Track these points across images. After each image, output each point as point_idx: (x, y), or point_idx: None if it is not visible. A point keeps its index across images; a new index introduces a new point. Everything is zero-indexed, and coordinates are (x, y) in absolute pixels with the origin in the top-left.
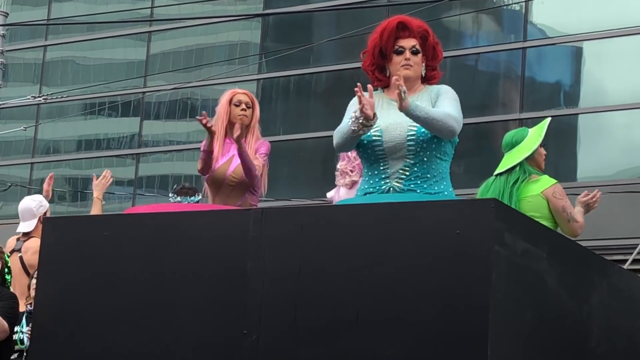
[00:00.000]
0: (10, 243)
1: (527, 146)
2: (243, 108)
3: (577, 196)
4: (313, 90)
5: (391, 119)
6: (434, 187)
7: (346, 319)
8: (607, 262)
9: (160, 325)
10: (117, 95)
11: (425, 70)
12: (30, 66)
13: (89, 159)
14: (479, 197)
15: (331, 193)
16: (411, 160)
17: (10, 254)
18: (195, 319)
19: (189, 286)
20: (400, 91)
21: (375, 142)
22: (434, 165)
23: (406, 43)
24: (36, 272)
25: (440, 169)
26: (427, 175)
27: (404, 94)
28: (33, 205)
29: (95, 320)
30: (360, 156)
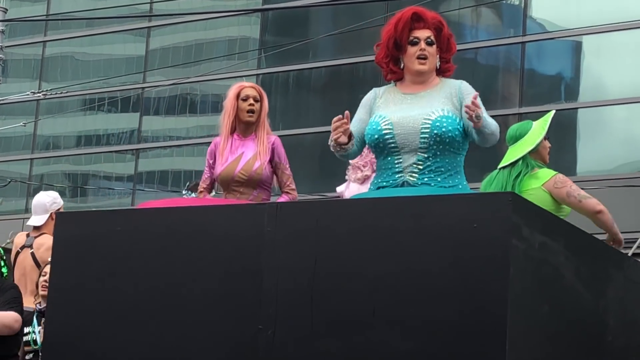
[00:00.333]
0: (20, 239)
1: (531, 140)
2: (251, 103)
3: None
4: (312, 85)
5: (403, 113)
6: (448, 181)
7: (362, 314)
8: (623, 255)
9: (174, 320)
10: (117, 90)
11: (440, 63)
12: (29, 62)
13: (89, 154)
14: (482, 191)
15: (341, 188)
16: (424, 154)
17: (20, 250)
18: (210, 314)
19: (203, 281)
20: (474, 115)
21: (386, 136)
22: (448, 159)
23: (421, 34)
24: (44, 270)
25: (454, 163)
26: (441, 169)
27: (478, 119)
28: (47, 200)
29: (108, 315)
30: (373, 150)
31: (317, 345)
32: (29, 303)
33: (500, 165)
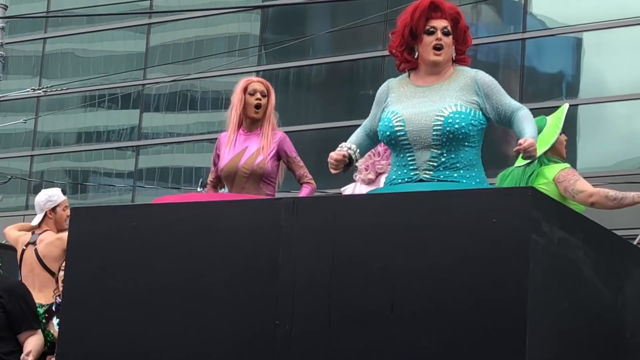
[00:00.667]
0: (25, 237)
1: (546, 138)
2: (258, 97)
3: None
4: (313, 82)
5: (415, 109)
6: (464, 176)
7: (381, 310)
8: None
9: (190, 316)
10: (117, 87)
11: (455, 54)
12: (30, 59)
13: (89, 151)
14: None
15: (348, 189)
16: (438, 151)
17: (25, 247)
18: (226, 310)
19: (219, 276)
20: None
21: (398, 133)
22: (463, 154)
23: (438, 23)
24: (64, 264)
25: (469, 157)
26: (457, 164)
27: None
28: (42, 199)
29: (125, 310)
30: (387, 146)
31: (335, 341)
32: (38, 299)
33: (516, 164)
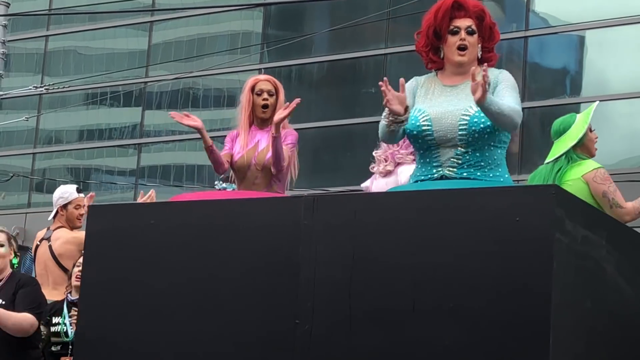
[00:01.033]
0: (41, 232)
1: (574, 134)
2: (265, 98)
3: None
4: (315, 79)
5: (442, 108)
6: (488, 174)
7: (402, 308)
8: None
9: (209, 314)
10: (119, 85)
11: (481, 52)
12: (32, 56)
13: (91, 149)
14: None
15: (366, 183)
16: (463, 149)
17: (39, 242)
18: (245, 309)
19: (238, 275)
20: (484, 82)
21: (425, 132)
22: (488, 153)
23: (461, 23)
24: (78, 261)
25: (494, 156)
26: (481, 162)
27: (488, 86)
28: (56, 195)
29: (142, 308)
30: (412, 143)
31: (355, 340)
32: (52, 296)
33: (546, 160)
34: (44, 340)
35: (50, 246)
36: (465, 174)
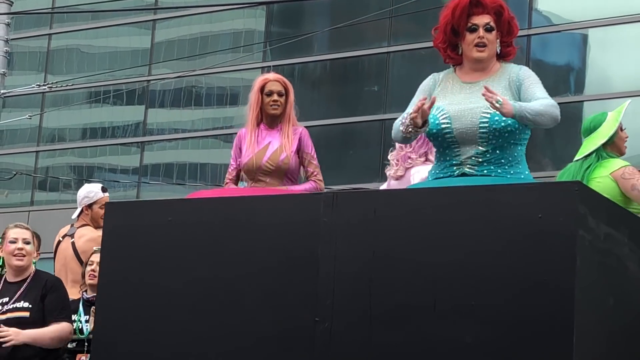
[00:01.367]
0: (64, 229)
1: (604, 132)
2: (275, 99)
3: None
4: (318, 78)
5: (461, 105)
6: (509, 171)
7: (423, 306)
8: None
9: (228, 312)
10: (122, 83)
11: (500, 47)
12: (35, 54)
13: (94, 147)
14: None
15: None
16: (484, 148)
17: (62, 239)
18: (265, 306)
19: (258, 272)
20: (494, 102)
21: (445, 130)
22: (509, 150)
23: (479, 20)
24: (90, 259)
25: (515, 153)
26: (501, 160)
27: (500, 104)
28: (81, 194)
29: (160, 306)
30: (431, 141)
31: (376, 338)
32: (71, 294)
33: (576, 157)
34: None
35: (73, 243)
36: (485, 171)
